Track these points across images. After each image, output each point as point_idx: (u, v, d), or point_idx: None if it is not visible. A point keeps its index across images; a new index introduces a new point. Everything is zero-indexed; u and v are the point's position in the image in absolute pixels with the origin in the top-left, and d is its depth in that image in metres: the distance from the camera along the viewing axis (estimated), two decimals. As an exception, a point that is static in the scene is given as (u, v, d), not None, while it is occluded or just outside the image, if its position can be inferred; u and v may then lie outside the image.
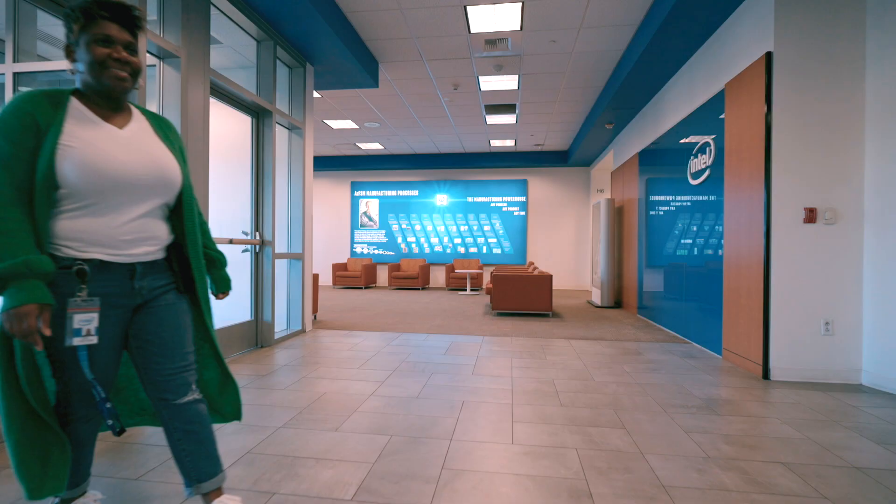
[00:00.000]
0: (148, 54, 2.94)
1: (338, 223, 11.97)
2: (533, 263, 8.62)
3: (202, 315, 1.42)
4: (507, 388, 3.00)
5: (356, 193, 11.83)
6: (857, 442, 2.20)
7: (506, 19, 4.56)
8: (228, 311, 3.94)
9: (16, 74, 3.29)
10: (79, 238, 1.17)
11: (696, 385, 3.12)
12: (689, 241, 4.71)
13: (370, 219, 11.79)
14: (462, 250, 11.43)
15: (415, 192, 11.58)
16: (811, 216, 3.19)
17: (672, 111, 5.24)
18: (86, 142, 1.15)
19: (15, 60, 3.30)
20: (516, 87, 6.46)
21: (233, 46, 4.24)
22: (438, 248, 11.51)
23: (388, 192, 11.67)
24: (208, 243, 1.49)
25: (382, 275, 11.67)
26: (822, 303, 3.20)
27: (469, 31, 4.81)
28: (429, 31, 4.79)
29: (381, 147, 10.35)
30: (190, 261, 1.37)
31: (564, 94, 6.72)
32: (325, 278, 11.78)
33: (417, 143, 9.97)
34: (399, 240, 11.65)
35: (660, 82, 5.42)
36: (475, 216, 11.37)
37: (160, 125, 1.35)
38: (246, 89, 3.92)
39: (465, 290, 10.38)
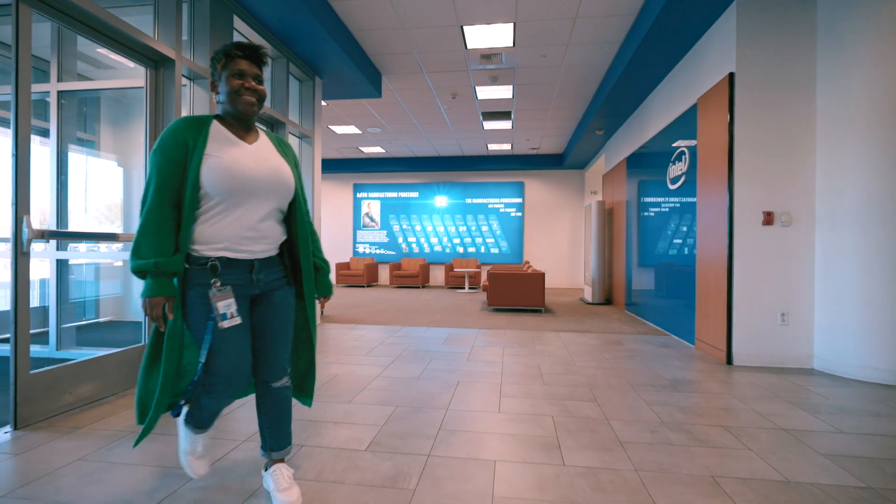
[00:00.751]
0: (183, 77, 3.32)
1: (341, 224, 12.36)
2: (528, 263, 9.00)
3: (305, 307, 1.65)
4: (498, 371, 3.39)
5: (358, 195, 12.22)
6: (792, 411, 2.59)
7: (499, 37, 4.96)
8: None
9: (59, 93, 3.69)
10: (212, 240, 1.44)
11: (665, 369, 3.51)
12: (669, 241, 5.10)
13: (372, 219, 12.18)
14: (461, 250, 11.82)
15: (415, 194, 11.97)
16: (769, 219, 3.58)
17: (654, 120, 5.63)
18: (222, 152, 1.44)
19: (59, 80, 3.69)
20: (511, 96, 6.85)
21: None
22: (438, 248, 11.90)
23: (390, 194, 12.07)
24: (315, 251, 1.68)
25: (384, 274, 12.06)
26: (779, 296, 3.59)
27: (466, 47, 5.20)
28: (429, 46, 5.18)
29: (383, 150, 10.74)
30: (300, 258, 1.60)
31: (557, 102, 7.12)
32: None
33: (418, 147, 10.36)
34: (400, 240, 12.05)
35: (643, 94, 5.82)
36: (473, 217, 11.76)
37: (279, 143, 1.62)
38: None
39: (464, 288, 10.77)
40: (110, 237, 2.84)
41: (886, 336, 3.16)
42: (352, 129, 8.79)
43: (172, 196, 1.40)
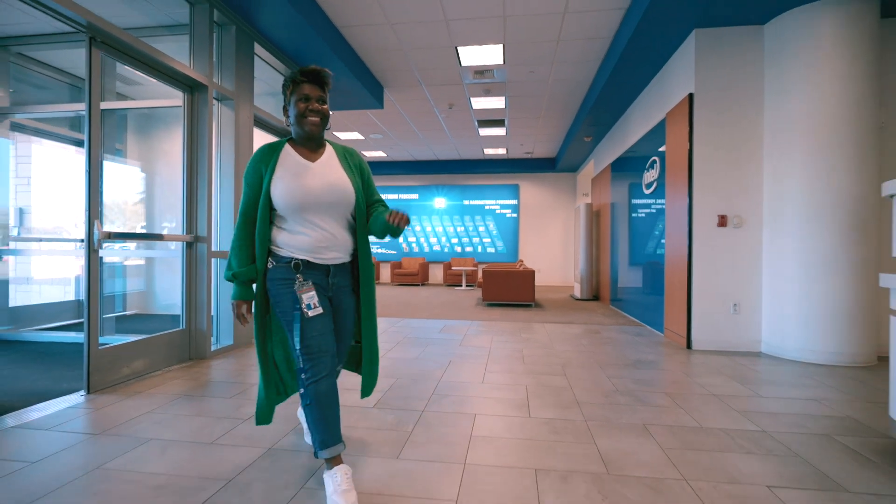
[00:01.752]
0: (213, 100, 3.83)
1: (343, 224, 12.86)
2: (522, 261, 9.51)
3: (363, 307, 1.82)
4: (486, 354, 3.91)
5: (360, 197, 12.72)
6: (727, 382, 3.10)
7: (491, 56, 5.47)
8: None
9: (102, 111, 4.20)
10: (292, 245, 1.63)
11: (633, 352, 4.03)
12: (645, 242, 5.61)
13: (373, 220, 12.68)
14: (459, 249, 12.34)
15: (415, 196, 12.49)
16: (723, 221, 4.10)
17: (634, 130, 6.15)
18: (288, 173, 1.61)
19: (101, 100, 4.20)
20: (504, 106, 7.37)
21: (265, 80, 5.14)
22: (437, 248, 12.42)
23: (390, 196, 12.58)
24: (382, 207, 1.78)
25: (385, 272, 12.58)
26: (731, 289, 4.10)
27: (460, 64, 5.71)
28: (427, 64, 5.70)
29: (384, 155, 11.26)
30: (359, 262, 1.76)
31: (546, 112, 7.63)
32: (332, 275, 12.67)
33: (417, 152, 10.89)
34: (400, 239, 12.56)
35: (623, 106, 6.33)
36: (471, 218, 12.29)
37: (345, 154, 1.75)
38: (276, 117, 4.82)
39: (461, 285, 11.28)
40: (157, 237, 3.35)
41: (820, 323, 3.67)
42: (355, 136, 9.31)
43: (252, 216, 1.64)
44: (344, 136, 9.30)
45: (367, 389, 1.90)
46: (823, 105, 3.66)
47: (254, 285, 1.68)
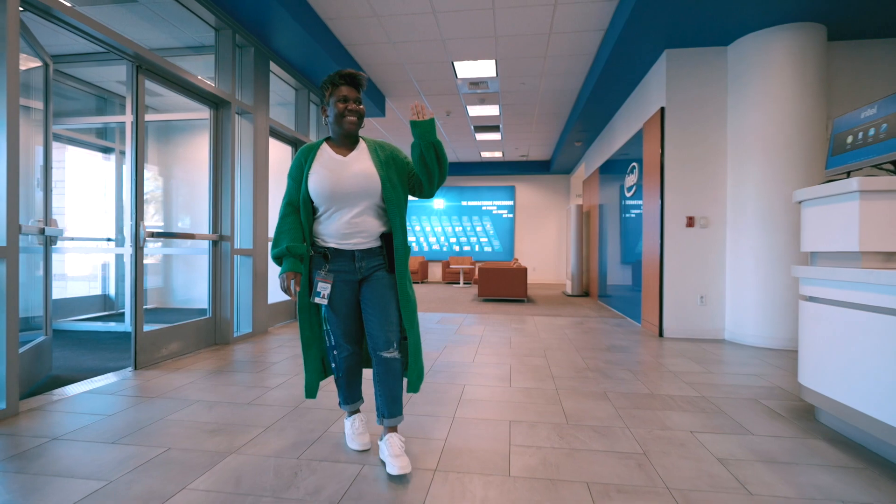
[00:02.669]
0: (236, 114, 4.30)
1: (346, 224, 13.32)
2: (517, 259, 9.97)
3: (399, 289, 1.81)
4: (478, 340, 4.37)
5: (362, 198, 13.19)
6: (685, 362, 3.57)
7: (484, 69, 5.94)
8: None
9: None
10: (323, 234, 1.78)
11: (609, 339, 4.49)
12: (627, 241, 6.08)
13: (375, 220, 13.15)
14: (457, 248, 12.81)
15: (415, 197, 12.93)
16: (690, 222, 4.56)
17: (618, 137, 6.61)
18: (322, 167, 1.75)
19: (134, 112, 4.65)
20: (498, 113, 7.84)
21: (278, 92, 5.61)
22: (436, 247, 12.89)
23: (391, 197, 13.03)
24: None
25: (386, 270, 13.02)
26: (698, 283, 4.56)
27: (456, 77, 6.18)
28: (425, 76, 6.16)
29: (385, 157, 11.72)
30: (394, 246, 1.80)
31: (539, 118, 8.10)
32: (335, 274, 13.13)
33: (417, 154, 11.33)
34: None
35: (609, 115, 6.80)
36: (468, 218, 12.75)
37: (376, 148, 1.82)
38: (287, 127, 5.28)
39: (459, 283, 11.75)
40: (189, 236, 3.81)
41: (774, 312, 4.14)
42: (358, 140, 9.77)
43: (297, 204, 1.81)
44: (347, 140, 9.75)
45: (413, 384, 1.86)
46: (777, 119, 4.13)
47: (303, 265, 1.79)
